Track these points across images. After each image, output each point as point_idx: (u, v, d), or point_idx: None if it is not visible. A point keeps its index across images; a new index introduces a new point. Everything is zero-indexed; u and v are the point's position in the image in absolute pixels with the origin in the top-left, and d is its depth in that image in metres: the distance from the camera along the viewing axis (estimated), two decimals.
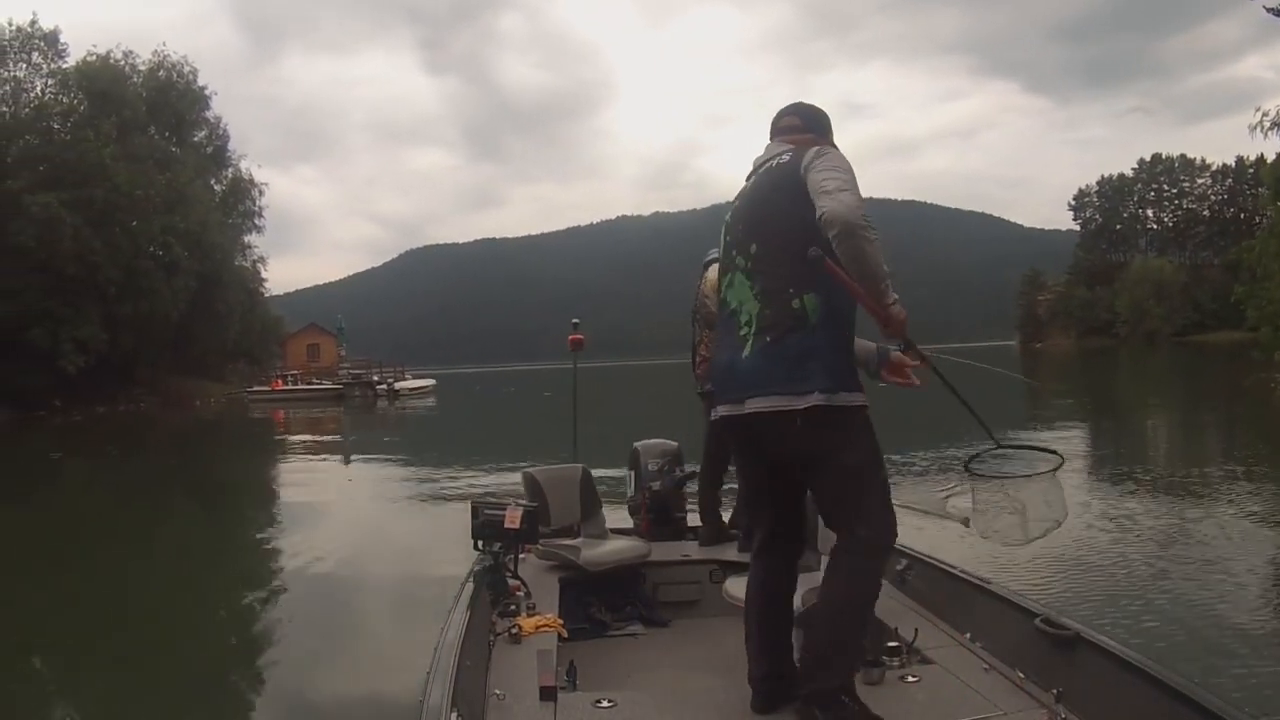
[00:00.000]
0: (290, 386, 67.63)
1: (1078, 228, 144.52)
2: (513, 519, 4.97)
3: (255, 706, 6.73)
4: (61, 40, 58.98)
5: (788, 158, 3.56)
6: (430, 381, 77.14)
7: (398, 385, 67.69)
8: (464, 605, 4.45)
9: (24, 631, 8.73)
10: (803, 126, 3.77)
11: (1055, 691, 3.48)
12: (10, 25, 57.39)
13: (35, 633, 8.66)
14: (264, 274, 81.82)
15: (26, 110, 57.07)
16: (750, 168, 3.83)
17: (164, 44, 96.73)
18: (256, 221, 77.96)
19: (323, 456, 27.92)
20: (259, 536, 14.01)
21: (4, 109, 57.40)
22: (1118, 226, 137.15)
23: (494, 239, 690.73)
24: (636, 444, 7.07)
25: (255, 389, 66.50)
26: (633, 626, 5.61)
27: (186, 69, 68.96)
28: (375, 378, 70.21)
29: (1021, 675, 3.70)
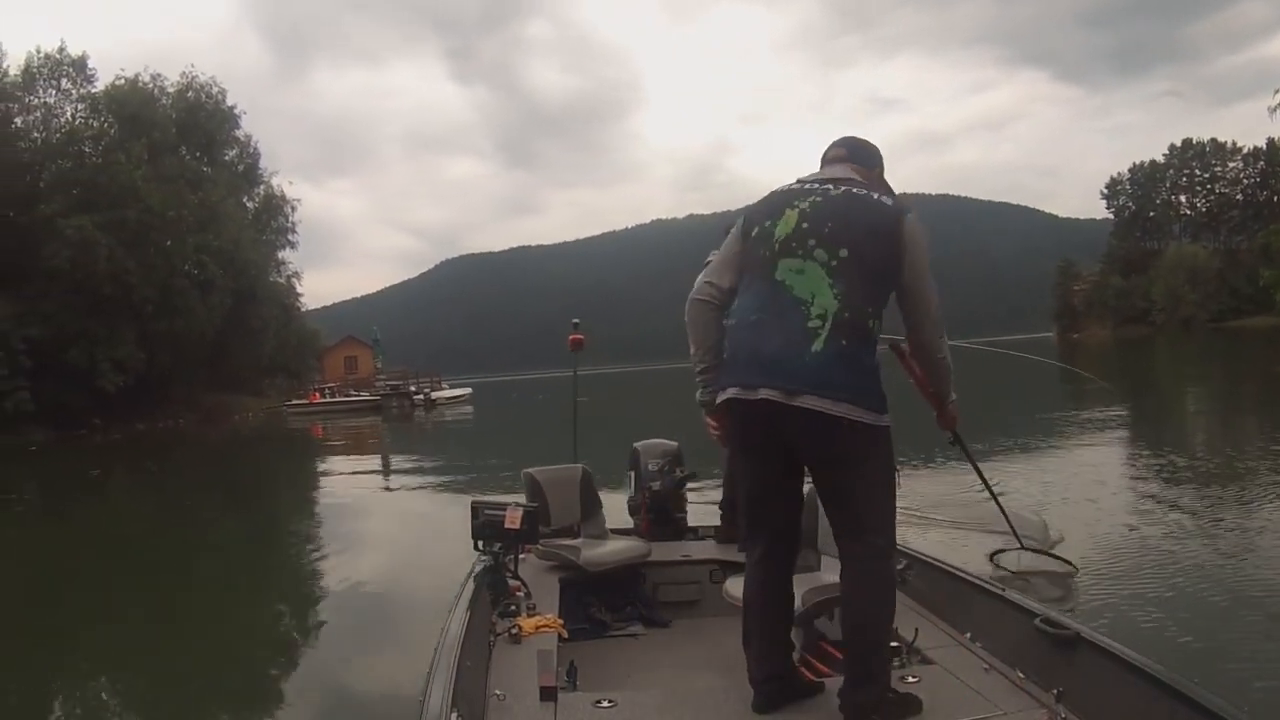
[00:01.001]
0: (328, 399, 68.12)
1: (1111, 216, 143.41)
2: (513, 519, 4.98)
3: (282, 705, 6.81)
4: (90, 66, 59.61)
5: (889, 203, 3.60)
6: (466, 390, 77.36)
7: (434, 395, 68.03)
8: (464, 605, 4.46)
9: (57, 641, 8.88)
10: (848, 157, 3.87)
11: (1055, 691, 3.50)
12: (38, 53, 58.07)
13: (67, 642, 8.82)
14: (299, 289, 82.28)
15: (57, 135, 57.47)
16: (823, 174, 3.83)
17: (192, 65, 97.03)
18: (290, 237, 78.53)
19: (361, 468, 28.08)
20: (295, 548, 14.14)
21: (35, 135, 58.05)
22: (1151, 214, 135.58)
23: (529, 246, 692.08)
24: (636, 444, 7.08)
25: (293, 402, 67.16)
26: (633, 626, 5.61)
27: (215, 89, 69.57)
28: (412, 388, 70.63)
29: (1021, 675, 3.72)
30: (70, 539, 16.37)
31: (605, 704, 3.63)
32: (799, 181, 3.79)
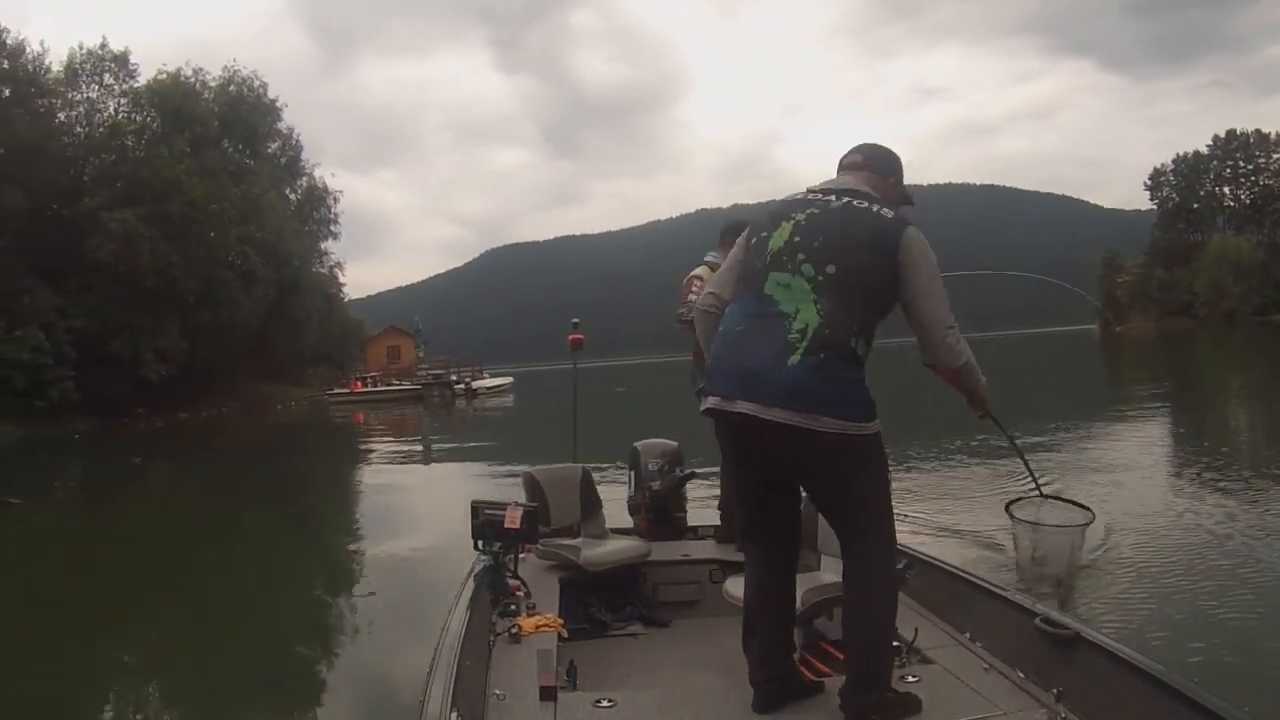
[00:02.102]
0: (369, 389, 68.66)
1: (1155, 207, 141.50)
2: (513, 519, 4.97)
3: (281, 702, 6.89)
4: (132, 61, 59.96)
5: (889, 215, 3.61)
6: (507, 380, 77.43)
7: (475, 384, 67.96)
8: (464, 605, 4.48)
9: (84, 628, 9.13)
10: (863, 164, 3.88)
11: (1055, 691, 3.51)
12: (81, 49, 58.62)
13: (90, 628, 9.12)
14: (341, 279, 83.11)
15: (100, 130, 58.13)
16: (828, 185, 3.83)
17: (234, 59, 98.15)
18: (332, 229, 79.72)
19: (402, 455, 28.47)
20: (326, 537, 14.31)
21: (79, 130, 58.57)
22: (1195, 205, 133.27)
23: (574, 236, 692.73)
24: (636, 444, 7.09)
25: (335, 391, 67.54)
26: (633, 626, 5.60)
27: (256, 83, 70.07)
28: (453, 377, 70.92)
29: (1021, 675, 3.72)
30: (107, 526, 16.83)
31: (605, 704, 3.65)
32: (809, 190, 3.81)
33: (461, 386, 67.14)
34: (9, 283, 46.27)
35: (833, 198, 3.68)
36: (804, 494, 3.82)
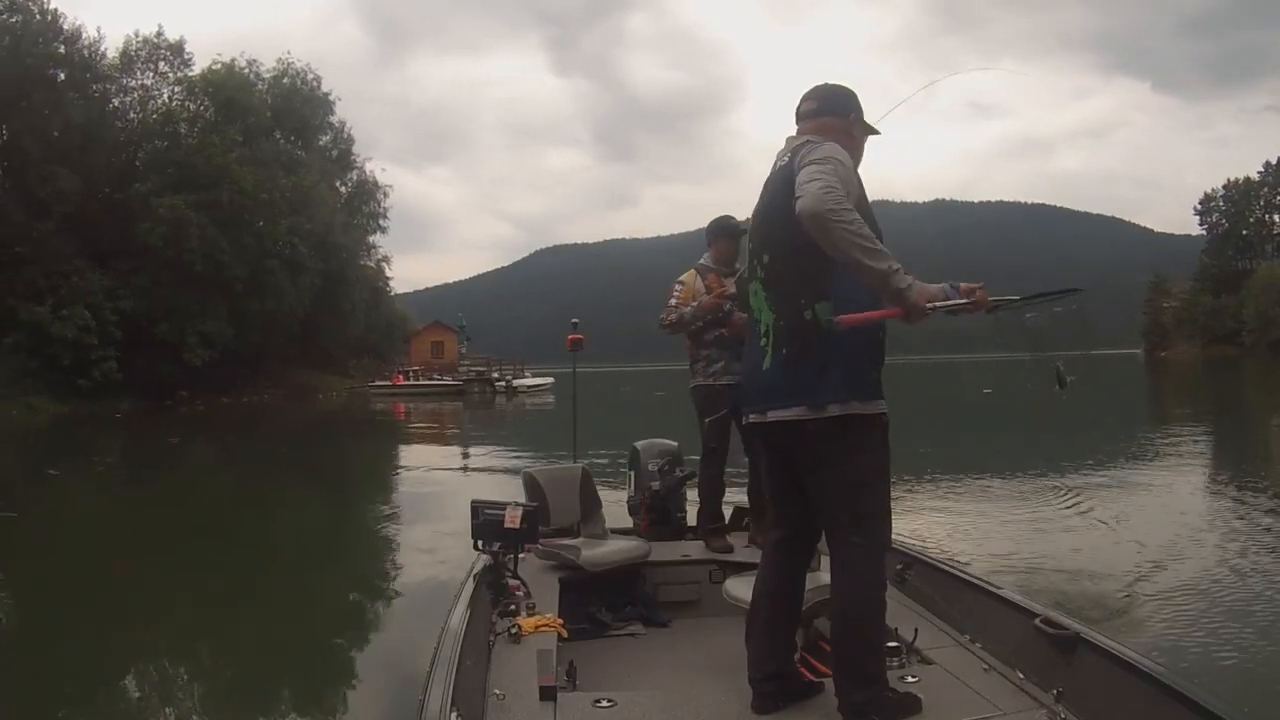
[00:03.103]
0: (411, 382, 69.12)
1: (1204, 232, 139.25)
2: (513, 519, 4.96)
3: (282, 699, 6.81)
4: (187, 50, 60.79)
5: (787, 159, 3.52)
6: (549, 379, 77.58)
7: (516, 382, 68.31)
8: (464, 605, 4.46)
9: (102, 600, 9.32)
10: (818, 110, 3.71)
11: (1055, 691, 3.50)
12: (136, 36, 59.39)
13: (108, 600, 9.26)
14: (389, 272, 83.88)
15: (154, 117, 58.80)
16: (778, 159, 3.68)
17: (288, 51, 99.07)
18: (380, 222, 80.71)
19: (439, 449, 28.62)
20: (352, 524, 14.33)
21: (132, 115, 59.37)
22: (1244, 232, 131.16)
23: (623, 239, 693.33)
24: (636, 444, 7.08)
25: (377, 383, 68.25)
26: (633, 626, 5.56)
27: (310, 75, 71.04)
28: (495, 374, 71.22)
29: (1021, 675, 3.71)
30: (133, 499, 17.35)
31: (605, 704, 3.63)
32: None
33: (502, 384, 67.41)
34: (58, 263, 47.10)
35: (771, 173, 3.66)
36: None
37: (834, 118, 3.68)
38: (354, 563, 11.39)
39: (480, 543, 5.04)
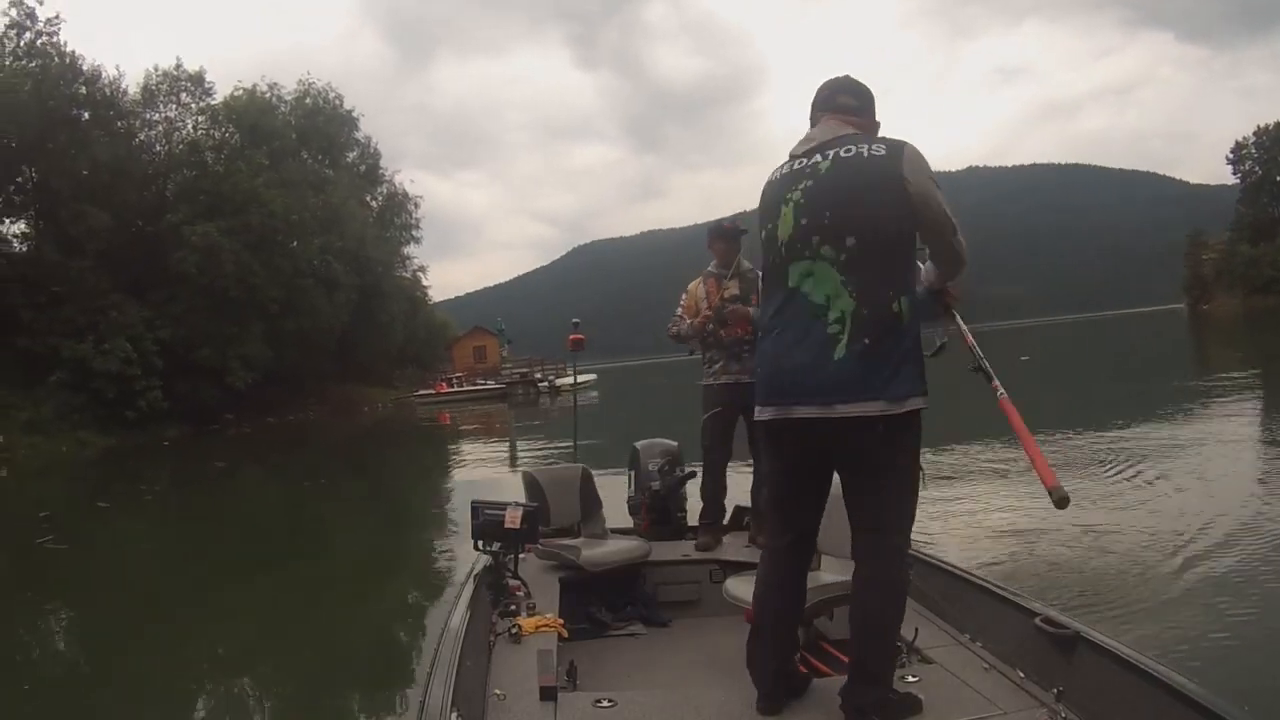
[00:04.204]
0: (454, 389, 69.61)
1: (1239, 181, 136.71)
2: (513, 519, 4.97)
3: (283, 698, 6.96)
4: (208, 79, 61.19)
5: (881, 151, 3.43)
6: (591, 377, 77.71)
7: (558, 382, 68.60)
8: (464, 605, 4.46)
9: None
10: (857, 108, 3.71)
11: (1055, 691, 3.48)
12: (156, 71, 59.92)
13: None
14: (425, 282, 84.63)
15: (180, 147, 59.47)
16: (809, 144, 3.63)
17: (308, 71, 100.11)
18: (414, 233, 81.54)
19: (486, 454, 28.93)
20: (400, 535, 14.47)
21: (159, 148, 59.90)
22: (1278, 178, 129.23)
23: (660, 230, 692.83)
24: (636, 444, 7.06)
25: (421, 393, 68.88)
26: (633, 626, 5.58)
27: (332, 94, 71.70)
28: (537, 375, 71.59)
29: (1021, 675, 3.68)
30: (178, 527, 17.97)
31: (605, 704, 3.61)
32: (791, 157, 3.66)
33: (545, 384, 67.76)
34: (96, 298, 47.69)
35: (819, 158, 3.52)
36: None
37: (869, 120, 3.73)
38: (375, 566, 11.58)
39: (480, 543, 5.06)
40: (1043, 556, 8.42)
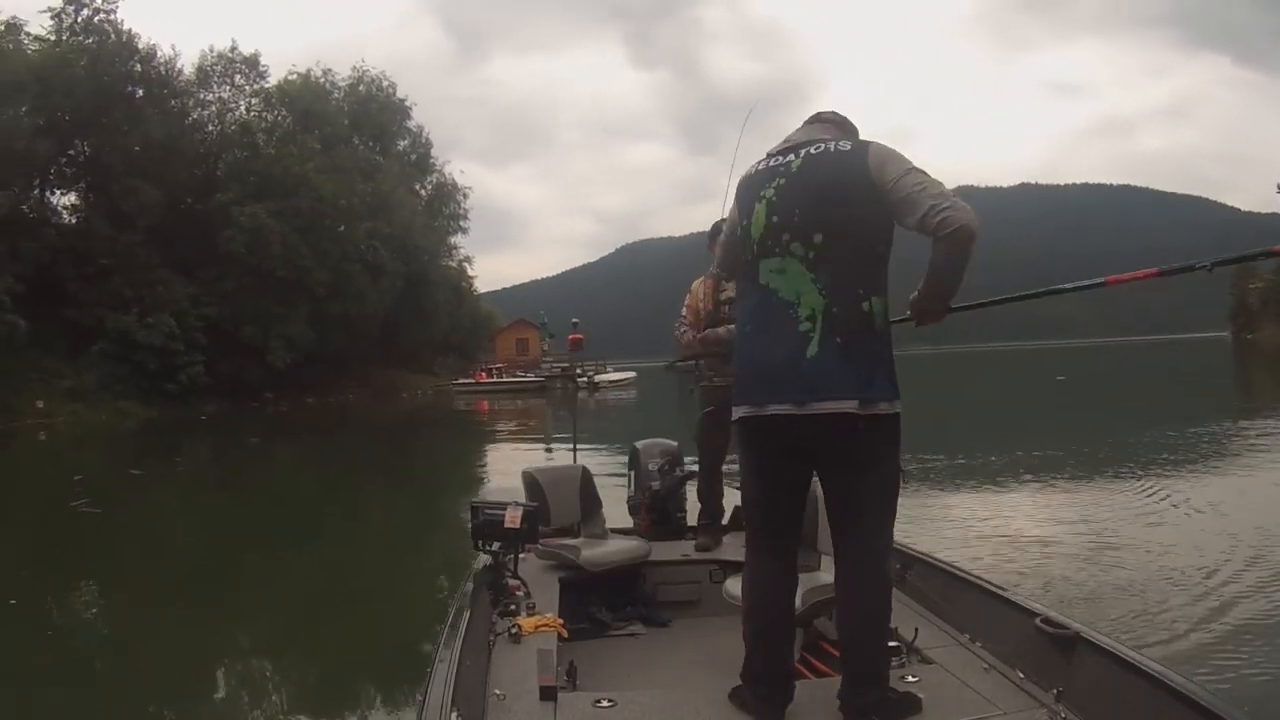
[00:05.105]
0: (495, 379, 70.00)
1: None
2: (513, 519, 4.92)
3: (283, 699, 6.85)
4: (262, 63, 62.18)
5: (847, 147, 3.42)
6: (631, 374, 77.63)
7: (598, 378, 68.73)
8: (464, 605, 4.46)
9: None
10: (839, 123, 3.73)
11: (1055, 691, 3.45)
12: (211, 51, 60.97)
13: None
14: (471, 272, 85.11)
15: (232, 128, 60.49)
16: (786, 144, 3.64)
17: (362, 59, 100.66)
18: (461, 224, 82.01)
19: (523, 444, 28.82)
20: (406, 525, 14.31)
21: (211, 128, 60.94)
22: None
23: (707, 232, 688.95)
24: (636, 444, 7.02)
25: (460, 381, 69.56)
26: (633, 626, 5.54)
27: (385, 82, 72.68)
28: (577, 370, 71.79)
29: (1021, 675, 3.65)
30: (208, 496, 18.53)
31: (605, 704, 3.59)
32: (768, 155, 3.65)
33: (585, 379, 67.87)
34: (143, 272, 48.82)
35: (793, 156, 3.52)
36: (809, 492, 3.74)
37: (851, 133, 3.70)
38: (383, 559, 11.54)
39: (480, 543, 5.02)
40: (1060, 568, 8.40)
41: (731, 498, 6.36)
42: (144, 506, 17.13)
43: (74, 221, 52.97)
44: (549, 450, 24.47)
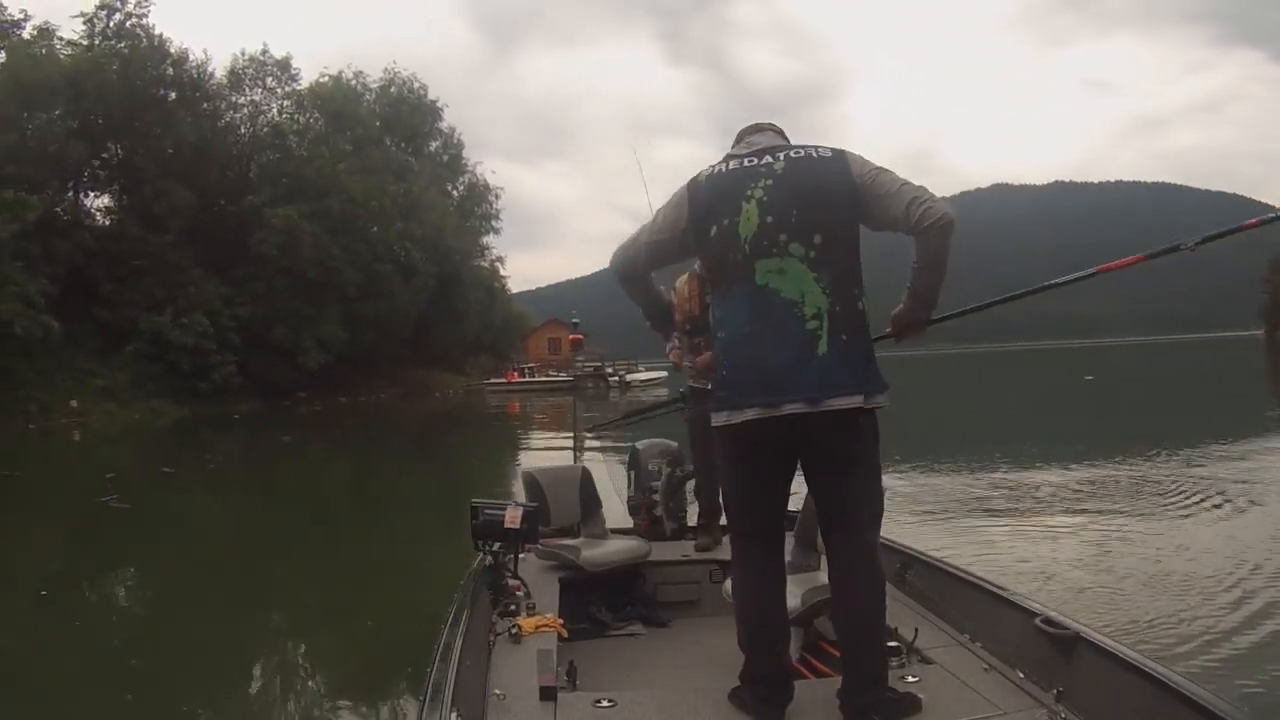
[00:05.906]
0: (526, 379, 70.27)
1: None
2: (513, 519, 4.93)
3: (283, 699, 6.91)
4: (294, 66, 62.55)
5: (829, 154, 3.50)
6: (662, 374, 77.61)
7: (629, 377, 68.85)
8: (464, 605, 4.46)
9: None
10: (769, 128, 3.79)
11: (1055, 691, 3.45)
12: (243, 55, 61.28)
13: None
14: (503, 272, 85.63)
15: (264, 130, 60.96)
16: (753, 146, 3.66)
17: (394, 61, 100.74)
18: (494, 224, 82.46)
19: (553, 444, 28.67)
20: (430, 528, 13.92)
21: (243, 130, 61.34)
22: None
23: None
24: (636, 444, 7.02)
25: (492, 380, 69.94)
26: (633, 626, 5.54)
27: (416, 84, 73.30)
28: (609, 370, 71.90)
29: (1021, 675, 3.65)
30: (239, 495, 18.89)
31: (605, 704, 3.59)
32: (731, 159, 3.65)
33: (615, 379, 68.00)
34: (176, 273, 49.29)
35: (769, 159, 3.53)
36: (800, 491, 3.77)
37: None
38: (393, 559, 11.49)
39: (480, 542, 5.02)
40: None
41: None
42: (174, 503, 17.40)
43: (107, 224, 53.70)
44: (579, 449, 24.27)
